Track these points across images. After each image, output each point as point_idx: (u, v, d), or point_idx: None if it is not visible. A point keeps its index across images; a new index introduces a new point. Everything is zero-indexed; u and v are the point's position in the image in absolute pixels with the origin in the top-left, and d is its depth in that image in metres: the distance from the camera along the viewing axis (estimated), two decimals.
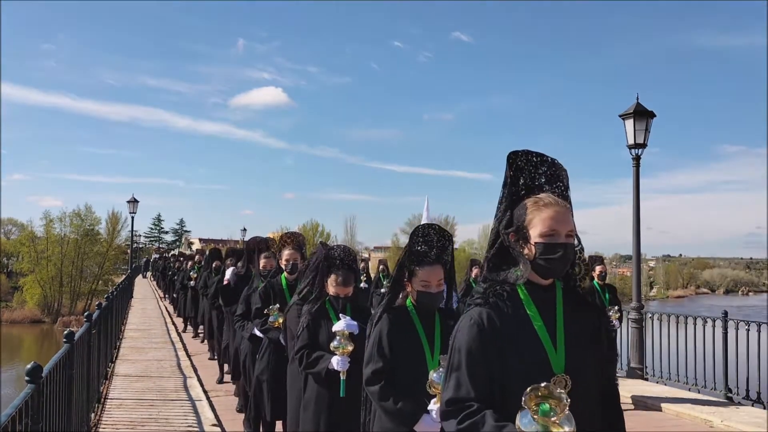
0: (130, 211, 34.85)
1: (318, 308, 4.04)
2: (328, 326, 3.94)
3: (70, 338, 5.16)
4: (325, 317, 4.01)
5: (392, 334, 3.09)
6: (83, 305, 45.61)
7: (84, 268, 49.80)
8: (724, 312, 9.00)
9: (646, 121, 10.68)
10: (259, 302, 5.29)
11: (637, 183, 10.79)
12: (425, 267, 3.13)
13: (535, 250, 1.95)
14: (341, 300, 4.02)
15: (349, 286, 4.05)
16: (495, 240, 2.05)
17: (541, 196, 1.99)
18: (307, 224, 67.41)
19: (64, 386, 4.72)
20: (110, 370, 9.85)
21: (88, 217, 51.03)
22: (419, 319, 3.15)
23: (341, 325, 3.85)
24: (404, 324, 3.13)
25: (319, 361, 3.86)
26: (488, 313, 1.94)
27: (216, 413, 7.34)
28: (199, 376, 9.70)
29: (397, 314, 3.16)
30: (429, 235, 3.19)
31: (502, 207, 2.04)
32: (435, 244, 3.18)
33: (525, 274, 1.96)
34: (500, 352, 1.90)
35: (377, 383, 3.06)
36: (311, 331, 3.98)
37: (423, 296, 3.14)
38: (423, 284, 3.13)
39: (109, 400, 7.91)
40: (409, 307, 3.19)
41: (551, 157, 2.06)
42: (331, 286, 4.04)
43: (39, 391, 3.53)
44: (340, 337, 3.81)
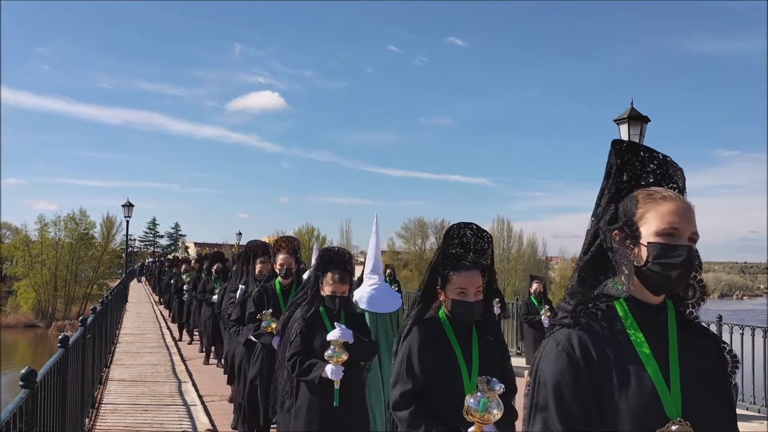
0: (125, 215, 34.73)
1: (312, 314, 3.93)
2: (322, 333, 3.85)
3: (65, 343, 5.15)
4: (320, 324, 3.91)
5: (423, 350, 2.70)
6: (78, 309, 45.42)
7: (78, 273, 49.64)
8: (718, 316, 9.02)
9: (641, 126, 10.74)
10: (253, 307, 5.27)
11: None
12: (461, 272, 2.75)
13: (647, 252, 1.53)
14: (338, 300, 3.91)
15: (345, 284, 3.94)
16: (592, 242, 1.64)
17: (656, 188, 1.61)
18: (302, 228, 67.45)
19: (59, 391, 4.71)
20: (105, 374, 9.82)
21: (82, 221, 50.91)
22: (454, 332, 2.76)
23: (336, 334, 3.75)
24: (437, 339, 2.75)
25: (313, 369, 3.76)
26: (580, 337, 1.53)
27: (211, 418, 7.32)
28: (194, 380, 9.67)
29: (428, 327, 2.77)
30: (465, 236, 2.83)
31: (604, 200, 1.64)
32: (472, 247, 2.83)
33: (629, 285, 1.54)
34: (596, 388, 1.49)
35: (406, 408, 2.67)
36: (305, 338, 3.87)
37: (459, 306, 2.73)
38: (459, 292, 2.73)
39: (104, 404, 7.88)
40: (443, 319, 2.80)
41: (662, 154, 1.66)
42: (327, 285, 3.93)
43: (33, 395, 3.53)
44: (334, 346, 3.73)
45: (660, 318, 1.59)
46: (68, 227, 50.06)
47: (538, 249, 69.58)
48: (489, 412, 2.42)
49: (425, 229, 70.34)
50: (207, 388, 9.15)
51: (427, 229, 70.39)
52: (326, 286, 3.94)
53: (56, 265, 48.20)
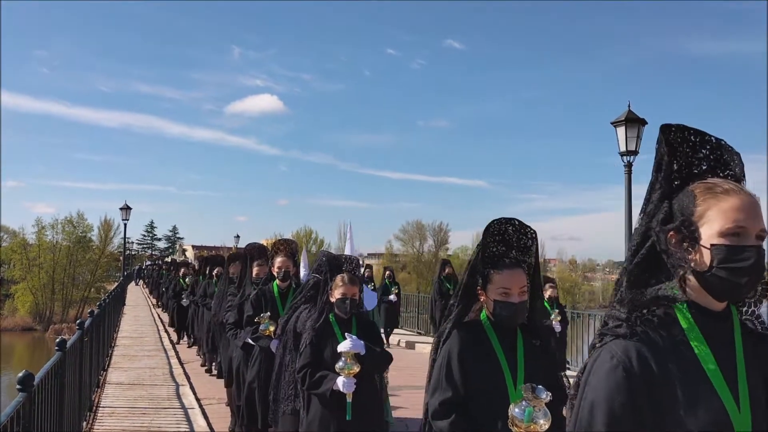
0: (123, 218, 34.69)
1: (322, 323, 3.82)
2: (333, 343, 3.75)
3: (62, 346, 5.15)
4: (330, 334, 3.80)
5: (464, 355, 2.51)
6: (75, 313, 45.34)
7: (76, 276, 49.59)
8: None
9: (638, 128, 10.76)
10: (251, 310, 5.25)
11: (629, 190, 10.86)
12: (503, 271, 2.56)
13: (710, 256, 1.34)
14: (348, 302, 3.80)
15: (356, 285, 3.86)
16: (642, 243, 1.45)
17: (715, 181, 1.41)
18: (300, 231, 67.44)
19: (56, 394, 4.71)
20: (102, 378, 9.80)
21: (80, 224, 50.86)
22: (497, 336, 2.57)
23: (347, 346, 3.64)
24: (479, 343, 2.56)
25: (324, 381, 3.64)
26: (638, 349, 1.34)
27: (208, 421, 7.32)
28: (192, 383, 9.66)
29: (469, 331, 2.58)
30: (507, 232, 2.63)
31: (655, 196, 1.45)
32: (515, 244, 2.63)
33: (688, 292, 1.39)
34: (657, 408, 1.32)
35: (446, 417, 2.48)
36: (315, 348, 3.75)
37: (502, 307, 2.54)
38: (501, 292, 2.54)
39: (101, 408, 7.87)
40: (484, 322, 2.61)
41: (715, 137, 1.46)
42: (336, 288, 3.83)
43: (31, 399, 3.53)
44: (345, 358, 3.62)
45: (725, 326, 1.40)
46: (66, 230, 50.02)
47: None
48: (535, 422, 2.27)
49: (423, 232, 70.42)
50: (205, 391, 9.14)
51: (425, 232, 70.47)
52: (336, 289, 3.84)
53: (54, 268, 48.13)
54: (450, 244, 72.24)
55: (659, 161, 1.46)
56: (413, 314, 17.62)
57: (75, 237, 50.02)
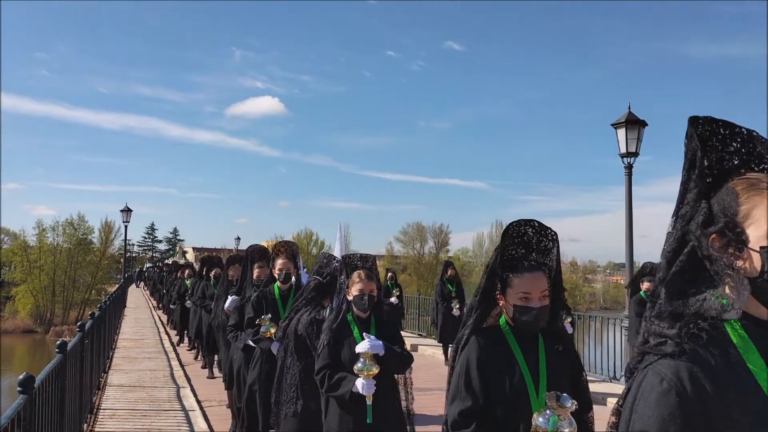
0: (124, 220, 34.73)
1: (339, 324, 3.72)
2: (350, 344, 3.64)
3: (63, 348, 5.15)
4: (348, 334, 3.69)
5: (484, 363, 2.42)
6: (76, 315, 45.40)
7: (77, 278, 49.62)
8: None
9: (638, 130, 10.76)
10: (252, 312, 5.23)
11: (630, 191, 10.85)
12: (524, 274, 2.47)
13: (762, 259, 1.19)
14: (366, 299, 3.69)
15: (373, 281, 3.75)
16: (679, 249, 1.28)
17: (757, 176, 1.25)
18: (301, 233, 67.47)
19: (57, 397, 4.71)
20: (103, 380, 9.80)
21: (81, 227, 50.95)
22: (518, 343, 2.48)
23: (365, 346, 3.53)
24: (499, 350, 2.46)
25: (342, 383, 3.54)
26: (690, 369, 1.17)
27: (209, 423, 7.31)
28: (193, 386, 9.66)
29: (488, 337, 2.49)
30: (526, 234, 2.54)
31: (691, 196, 1.29)
32: (534, 246, 2.54)
33: (739, 301, 1.20)
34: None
35: (466, 427, 2.40)
36: (332, 349, 3.65)
37: (522, 312, 2.45)
38: (522, 297, 2.45)
39: (102, 410, 7.87)
40: (504, 328, 2.52)
41: (747, 128, 1.31)
42: (353, 285, 3.71)
43: (31, 401, 3.53)
44: (364, 359, 3.51)
45: None
46: (66, 232, 50.10)
47: None
48: (560, 431, 2.22)
49: (423, 234, 70.42)
50: (205, 394, 9.14)
51: (426, 234, 70.46)
52: (353, 286, 3.72)
53: (54, 270, 48.18)
54: (450, 245, 72.25)
55: (692, 158, 1.30)
56: (414, 316, 17.60)
57: (76, 239, 50.07)
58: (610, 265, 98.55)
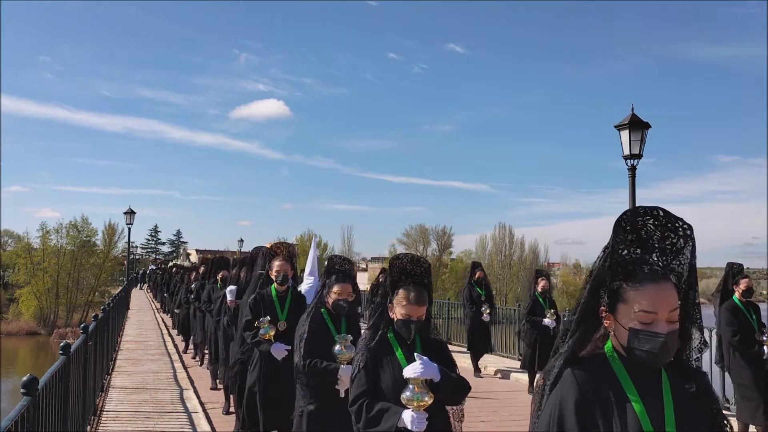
0: (127, 223, 34.83)
1: (378, 341, 3.12)
2: (393, 365, 3.04)
3: (66, 350, 5.16)
4: (388, 353, 3.09)
5: (584, 407, 1.69)
6: (79, 317, 45.46)
7: (80, 280, 49.70)
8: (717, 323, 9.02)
9: (642, 131, 10.76)
10: (249, 314, 5.16)
11: (633, 193, 10.84)
12: (644, 285, 1.71)
13: None
14: (413, 326, 3.07)
15: (424, 304, 3.11)
16: None
17: None
18: (304, 235, 67.49)
19: (60, 399, 4.72)
20: (106, 382, 9.81)
21: (84, 229, 51.03)
22: (632, 379, 1.72)
23: (417, 370, 2.88)
24: (604, 388, 1.71)
25: (384, 416, 2.91)
26: None
27: (212, 425, 7.32)
28: (196, 387, 9.66)
29: (590, 371, 1.74)
30: (646, 227, 1.75)
31: None
32: (657, 244, 1.76)
33: None
34: None
35: None
36: (370, 373, 3.04)
37: (642, 339, 1.69)
38: (641, 317, 1.69)
39: (105, 412, 7.87)
40: (612, 358, 1.77)
41: None
42: (398, 305, 3.11)
43: (35, 403, 3.53)
44: (414, 386, 2.87)
45: None
46: (70, 234, 50.19)
47: (540, 255, 69.40)
48: None
49: (426, 236, 70.35)
50: (209, 396, 9.14)
51: (429, 236, 70.41)
52: (397, 306, 3.12)
53: (58, 272, 48.26)
54: (453, 248, 72.23)
55: None
56: None
57: (79, 241, 50.16)
58: None
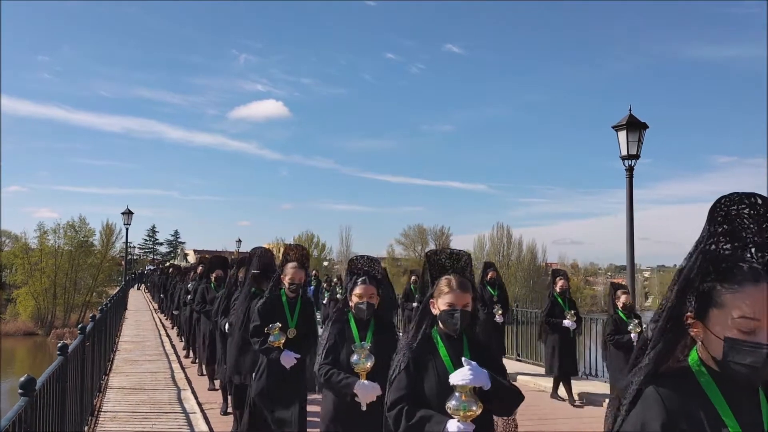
0: (125, 223, 34.76)
1: (421, 341, 2.82)
2: (437, 368, 2.75)
3: (64, 351, 5.15)
4: (432, 354, 2.79)
5: (671, 429, 1.45)
6: (77, 317, 45.35)
7: (78, 280, 49.63)
8: None
9: (639, 132, 10.77)
10: (258, 320, 4.99)
11: (631, 193, 10.85)
12: (744, 287, 1.45)
13: None
14: (458, 315, 2.76)
15: (468, 291, 2.83)
16: None
17: None
18: (302, 235, 67.53)
19: (58, 399, 4.71)
20: (104, 382, 9.80)
21: (82, 229, 50.96)
22: (725, 398, 1.48)
23: (465, 377, 2.58)
24: (694, 408, 1.47)
25: (428, 426, 2.63)
26: None
27: (210, 426, 7.31)
28: (194, 388, 9.65)
29: (676, 388, 1.50)
30: (740, 218, 1.49)
31: None
32: (755, 237, 1.49)
33: None
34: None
35: None
36: (412, 376, 2.74)
37: (741, 351, 1.43)
38: (740, 324, 1.44)
39: (103, 412, 7.86)
40: (699, 372, 1.52)
41: None
42: (440, 298, 2.82)
43: (32, 403, 3.53)
44: (460, 394, 2.59)
45: None
46: (68, 235, 50.12)
47: (538, 255, 69.45)
48: None
49: (425, 236, 70.36)
50: (207, 396, 9.13)
51: (427, 236, 70.41)
52: (439, 298, 2.83)
53: (56, 272, 48.19)
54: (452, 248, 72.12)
55: None
56: None
57: (77, 241, 50.08)
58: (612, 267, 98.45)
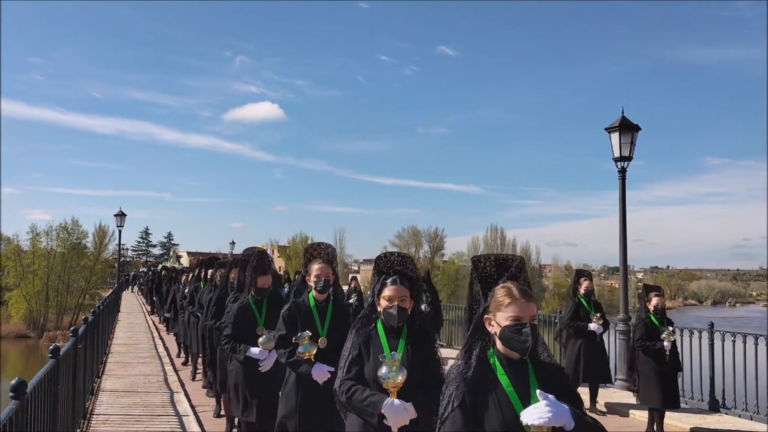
0: (118, 225, 34.65)
1: (477, 369, 2.24)
2: (499, 402, 2.20)
3: (56, 353, 5.12)
4: (492, 384, 2.24)
5: None
6: (69, 320, 45.19)
7: (70, 282, 49.43)
8: (710, 323, 9.11)
9: (632, 134, 10.81)
10: (284, 328, 4.39)
11: (623, 195, 10.89)
12: None
13: None
14: (526, 330, 2.21)
15: (533, 300, 2.29)
16: None
17: None
18: (296, 237, 67.48)
19: (49, 402, 4.68)
20: (96, 385, 9.75)
21: (74, 231, 50.79)
22: None
23: (542, 415, 2.07)
24: None
25: None
26: None
27: (203, 428, 7.29)
28: (187, 391, 9.62)
29: None
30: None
31: None
32: None
33: None
34: None
35: None
36: (468, 413, 2.19)
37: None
38: None
39: (95, 415, 7.83)
40: None
41: None
42: (499, 311, 2.26)
43: (23, 407, 3.50)
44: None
45: None
46: (60, 237, 49.94)
47: (532, 256, 69.73)
48: None
49: (419, 238, 70.45)
50: (199, 399, 9.10)
51: (421, 237, 70.49)
52: (498, 311, 2.27)
53: (48, 275, 47.98)
54: (445, 250, 72.35)
55: None
56: None
57: (69, 244, 49.90)
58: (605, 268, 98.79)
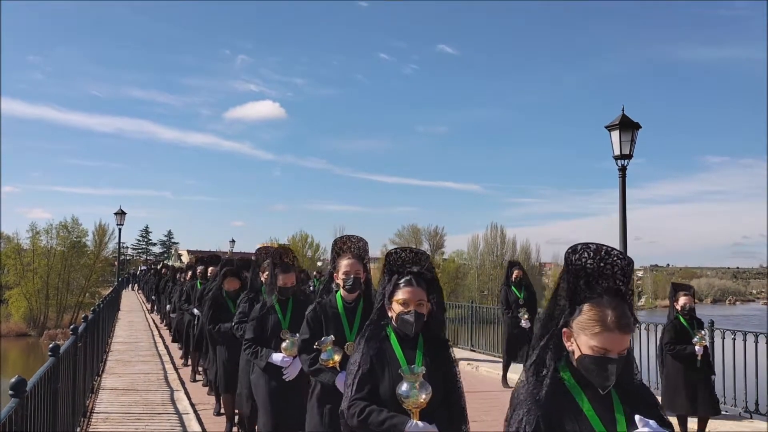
0: (118, 223, 34.65)
1: (553, 390, 1.86)
2: (580, 425, 1.83)
3: (56, 351, 5.12)
4: (571, 407, 1.85)
5: None
6: (70, 318, 45.19)
7: (70, 281, 49.42)
8: (710, 321, 9.09)
9: (632, 132, 10.80)
10: (308, 331, 3.97)
11: (624, 193, 10.88)
12: None
13: None
14: (612, 367, 1.82)
15: (629, 331, 1.85)
16: None
17: None
18: (296, 235, 67.45)
19: (49, 400, 4.68)
20: (96, 383, 9.76)
21: (74, 229, 50.77)
22: None
23: None
24: None
25: None
26: None
27: (203, 426, 7.29)
28: (187, 389, 9.62)
29: None
30: None
31: None
32: None
33: None
34: None
35: None
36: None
37: None
38: None
39: (95, 413, 7.83)
40: None
41: None
42: (584, 335, 1.84)
43: (23, 405, 3.50)
44: None
45: None
46: (60, 235, 49.92)
47: (532, 255, 69.59)
48: None
49: (419, 236, 70.36)
50: (199, 397, 9.11)
51: (421, 236, 70.44)
52: (583, 334, 1.86)
53: (48, 273, 47.97)
54: (445, 248, 72.30)
55: None
56: None
57: (69, 242, 49.88)
58: None
